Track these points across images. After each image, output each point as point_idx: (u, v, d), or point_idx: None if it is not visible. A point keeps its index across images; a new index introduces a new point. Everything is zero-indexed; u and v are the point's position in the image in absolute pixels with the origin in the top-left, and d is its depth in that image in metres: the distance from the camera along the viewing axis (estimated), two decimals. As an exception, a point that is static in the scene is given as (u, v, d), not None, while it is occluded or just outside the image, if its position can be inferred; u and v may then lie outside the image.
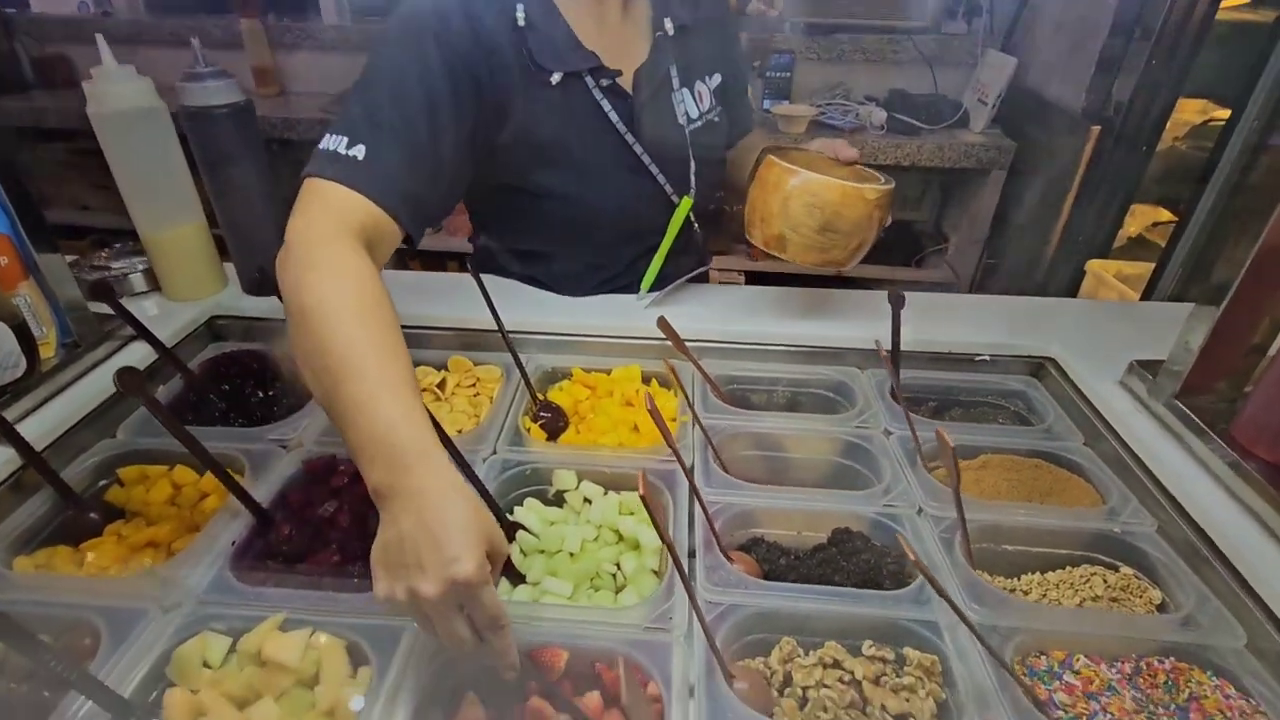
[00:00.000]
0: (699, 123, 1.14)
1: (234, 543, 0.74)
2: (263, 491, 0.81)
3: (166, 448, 0.88)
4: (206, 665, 0.63)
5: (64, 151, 2.70)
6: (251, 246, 1.11)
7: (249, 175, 1.06)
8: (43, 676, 0.65)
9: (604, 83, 1.01)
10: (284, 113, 2.49)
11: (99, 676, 0.58)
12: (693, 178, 1.13)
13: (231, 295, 1.15)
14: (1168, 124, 1.96)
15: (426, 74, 0.85)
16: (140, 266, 1.15)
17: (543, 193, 1.06)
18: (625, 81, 1.03)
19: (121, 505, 0.84)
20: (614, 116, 1.03)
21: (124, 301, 0.96)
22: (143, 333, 0.97)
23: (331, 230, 0.75)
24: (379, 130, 0.82)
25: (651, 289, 1.17)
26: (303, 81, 2.78)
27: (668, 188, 1.11)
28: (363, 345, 0.63)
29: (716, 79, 1.18)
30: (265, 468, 0.85)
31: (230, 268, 1.18)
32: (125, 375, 0.69)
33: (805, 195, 0.89)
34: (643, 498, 0.52)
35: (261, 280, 1.07)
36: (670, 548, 0.57)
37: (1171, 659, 0.66)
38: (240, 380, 1.06)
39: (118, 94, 0.98)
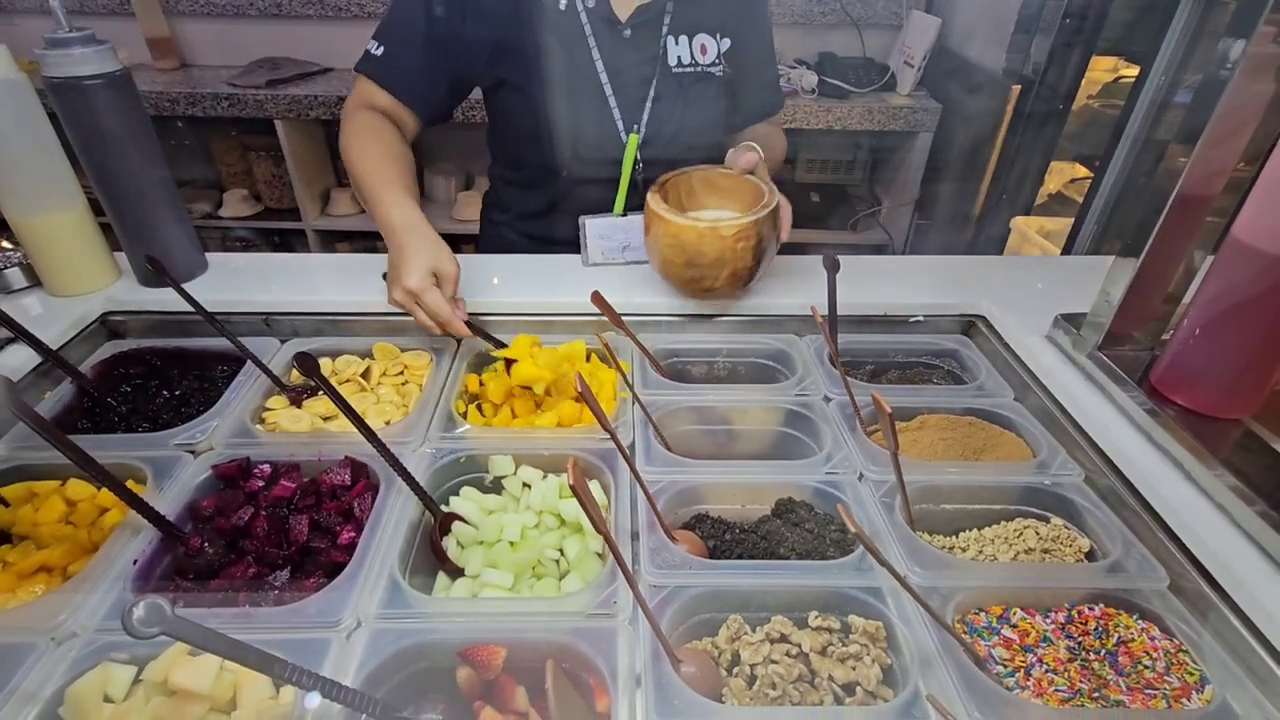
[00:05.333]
0: (689, 69, 1.16)
1: (135, 561, 0.68)
2: (169, 502, 0.75)
3: (56, 461, 0.80)
4: (109, 699, 0.58)
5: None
6: (140, 234, 1.01)
7: (132, 156, 0.96)
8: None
9: (589, 3, 1.09)
10: (186, 87, 2.29)
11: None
12: (645, 114, 1.15)
13: (126, 288, 1.05)
14: (1082, 82, 2.02)
15: None
16: (17, 260, 1.04)
17: (508, 89, 1.14)
18: (623, 10, 1.10)
19: (7, 528, 0.76)
20: (588, 30, 1.10)
21: (1, 300, 0.86)
22: (20, 333, 0.87)
23: (355, 107, 1.13)
24: (392, 31, 1.11)
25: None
26: (207, 52, 2.57)
27: (619, 120, 1.14)
28: (374, 169, 1.03)
29: (727, 43, 1.18)
30: (171, 476, 0.78)
31: (123, 257, 1.08)
32: (-11, 385, 0.61)
33: (666, 237, 0.96)
34: (573, 487, 0.49)
35: (155, 270, 0.97)
36: (608, 538, 0.54)
37: (1101, 605, 0.68)
38: (142, 381, 0.98)
39: (-36, 66, 0.87)
